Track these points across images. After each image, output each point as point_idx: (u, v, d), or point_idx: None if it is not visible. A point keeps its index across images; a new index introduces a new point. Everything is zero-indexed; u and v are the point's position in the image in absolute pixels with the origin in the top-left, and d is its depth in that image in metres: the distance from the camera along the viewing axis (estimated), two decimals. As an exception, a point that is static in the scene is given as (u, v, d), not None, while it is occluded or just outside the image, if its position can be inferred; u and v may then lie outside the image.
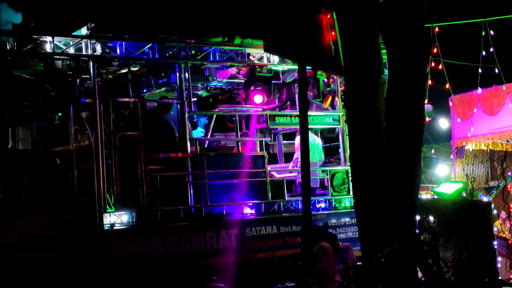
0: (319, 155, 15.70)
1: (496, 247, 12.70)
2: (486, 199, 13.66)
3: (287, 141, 16.96)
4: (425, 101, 12.26)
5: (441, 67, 16.50)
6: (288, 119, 15.12)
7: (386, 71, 11.91)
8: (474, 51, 16.79)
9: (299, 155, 13.17)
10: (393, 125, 11.42)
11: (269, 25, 11.02)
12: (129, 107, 13.68)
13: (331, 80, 15.64)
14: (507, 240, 14.25)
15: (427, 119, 13.41)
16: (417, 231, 11.71)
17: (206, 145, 15.51)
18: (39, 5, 13.93)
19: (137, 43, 13.53)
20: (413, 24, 11.30)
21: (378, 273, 10.69)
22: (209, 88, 15.89)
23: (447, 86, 16.81)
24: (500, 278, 12.42)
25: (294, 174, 15.24)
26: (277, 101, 16.16)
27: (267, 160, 14.58)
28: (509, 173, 15.73)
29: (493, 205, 13.27)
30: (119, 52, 13.37)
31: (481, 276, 11.80)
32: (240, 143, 14.93)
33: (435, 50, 15.93)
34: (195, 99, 15.64)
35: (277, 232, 14.13)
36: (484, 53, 16.57)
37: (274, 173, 15.02)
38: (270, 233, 14.05)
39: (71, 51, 12.89)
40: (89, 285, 11.90)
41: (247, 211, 14.17)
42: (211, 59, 14.33)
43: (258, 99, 14.81)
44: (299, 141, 12.64)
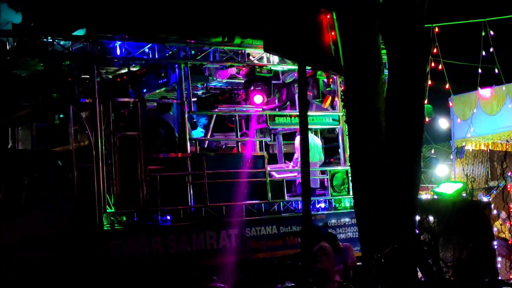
0: (319, 156, 15.69)
1: (496, 247, 12.71)
2: (485, 199, 13.67)
3: (287, 142, 16.95)
4: (425, 101, 12.27)
5: (441, 67, 16.52)
6: (288, 119, 15.11)
7: (386, 71, 11.91)
8: (474, 51, 16.80)
9: (299, 155, 13.16)
10: (393, 125, 11.42)
11: (269, 25, 11.00)
12: (129, 107, 13.67)
13: (331, 80, 15.64)
14: (507, 240, 14.26)
15: (427, 119, 13.41)
16: (417, 231, 11.71)
17: (206, 145, 15.50)
18: (39, 5, 13.91)
19: (137, 43, 13.53)
20: (413, 24, 11.30)
21: (378, 273, 10.68)
22: (209, 88, 15.88)
23: (447, 86, 16.82)
24: (500, 278, 12.44)
25: (294, 174, 15.23)
26: (277, 101, 16.14)
27: (267, 160, 14.58)
28: (509, 173, 15.72)
29: (493, 205, 13.29)
30: (119, 52, 13.37)
31: (481, 276, 11.81)
32: (240, 143, 14.93)
33: (435, 50, 15.94)
34: (195, 99, 15.63)
35: (277, 232, 14.11)
36: (484, 53, 16.59)
37: (274, 173, 15.00)
38: (270, 233, 14.04)
39: (71, 51, 12.90)
40: (89, 285, 11.89)
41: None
42: (211, 59, 14.32)
43: (258, 99, 14.78)
44: (299, 141, 12.63)
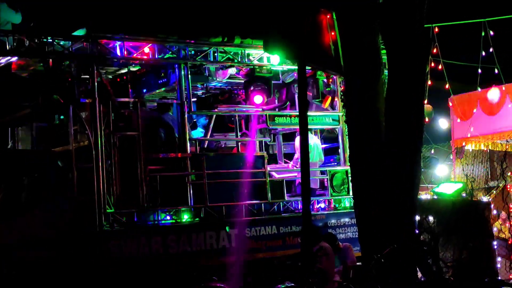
0: (318, 156, 15.69)
1: (495, 247, 12.71)
2: (485, 199, 13.67)
3: (287, 142, 16.95)
4: (425, 101, 12.27)
5: (441, 67, 16.53)
6: (287, 119, 15.11)
7: (386, 71, 11.91)
8: (473, 51, 16.81)
9: (299, 155, 13.16)
10: (393, 125, 11.41)
11: (269, 25, 11.01)
12: (129, 107, 13.67)
13: (330, 80, 15.64)
14: (507, 240, 14.25)
15: (426, 120, 13.41)
16: (417, 231, 11.70)
17: (205, 146, 15.50)
18: (39, 5, 13.91)
19: (137, 43, 13.53)
20: (413, 24, 11.30)
21: (377, 273, 10.68)
22: (208, 88, 15.88)
23: (447, 86, 16.83)
24: (499, 278, 12.44)
25: (294, 174, 15.22)
26: (276, 101, 16.15)
27: (266, 160, 14.57)
28: (509, 174, 15.74)
29: (492, 206, 13.29)
30: (119, 52, 13.36)
31: (481, 276, 11.81)
32: (240, 144, 14.92)
33: (435, 50, 15.95)
34: (195, 99, 15.63)
35: (276, 232, 14.11)
36: (483, 53, 16.60)
37: (273, 173, 15.00)
38: (269, 234, 14.04)
39: (71, 51, 12.89)
40: (89, 285, 11.89)
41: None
42: (211, 59, 14.32)
43: (257, 99, 14.76)
44: (299, 141, 12.63)
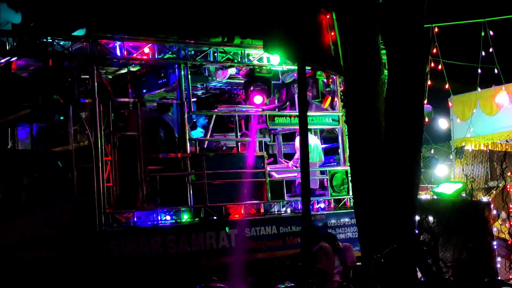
0: (318, 156, 15.69)
1: (495, 247, 12.71)
2: (485, 199, 13.67)
3: (287, 142, 16.95)
4: (425, 101, 12.27)
5: (440, 67, 16.54)
6: (287, 119, 15.11)
7: (385, 71, 11.91)
8: (473, 52, 16.82)
9: (299, 155, 13.16)
10: (393, 125, 11.41)
11: (269, 25, 11.01)
12: (129, 107, 13.67)
13: (330, 80, 15.64)
14: (507, 240, 14.25)
15: (426, 120, 13.41)
16: (417, 231, 11.70)
17: (205, 146, 15.50)
18: (39, 5, 13.91)
19: (137, 43, 13.53)
20: (413, 24, 11.29)
21: (377, 273, 10.68)
22: (208, 88, 15.88)
23: (447, 86, 16.84)
24: (499, 278, 12.44)
25: (293, 174, 15.22)
26: (276, 101, 16.15)
27: (266, 160, 14.57)
28: (509, 174, 15.73)
29: (492, 206, 13.29)
30: (119, 52, 13.36)
31: (481, 276, 11.81)
32: (240, 144, 14.92)
33: (434, 50, 15.96)
34: (195, 99, 15.63)
35: (276, 232, 14.11)
36: (483, 54, 16.61)
37: (273, 173, 15.00)
38: (269, 234, 14.03)
39: (71, 51, 12.89)
40: (89, 285, 11.88)
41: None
42: (211, 59, 14.32)
43: (257, 99, 14.74)
44: (299, 141, 12.63)
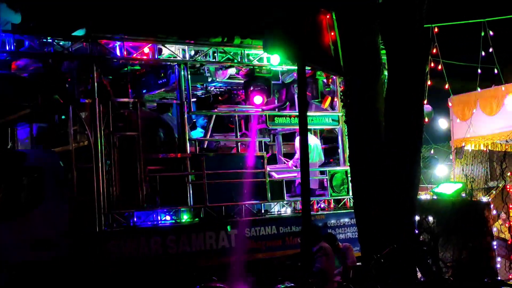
0: (318, 156, 15.69)
1: (495, 247, 12.71)
2: (485, 199, 13.67)
3: (287, 142, 16.94)
4: (425, 102, 12.27)
5: (440, 67, 16.54)
6: (287, 119, 15.11)
7: (385, 71, 11.91)
8: (473, 52, 16.82)
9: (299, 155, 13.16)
10: (393, 125, 11.41)
11: (268, 26, 11.01)
12: (129, 108, 13.67)
13: (330, 80, 15.64)
14: (506, 240, 14.26)
15: (426, 120, 13.41)
16: (417, 231, 11.71)
17: (205, 146, 15.49)
18: (38, 5, 13.89)
19: (137, 44, 13.52)
20: (413, 24, 11.30)
21: (377, 273, 10.68)
22: (208, 88, 15.87)
23: (447, 86, 16.84)
24: (499, 278, 12.44)
25: (293, 174, 15.22)
26: (276, 101, 16.15)
27: (266, 160, 14.57)
28: (509, 174, 15.73)
29: (492, 206, 13.29)
30: (119, 52, 13.35)
31: (480, 276, 11.82)
32: (240, 144, 14.92)
33: (434, 50, 15.96)
34: (195, 100, 15.63)
35: (276, 232, 14.11)
36: (483, 54, 16.61)
37: (273, 173, 15.00)
38: (269, 234, 14.03)
39: (71, 51, 12.90)
40: (89, 285, 11.88)
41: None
42: (211, 59, 14.32)
43: (257, 99, 14.74)
44: (299, 141, 12.63)
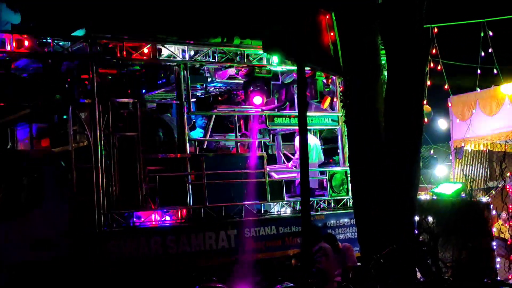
0: (318, 156, 15.69)
1: (495, 247, 12.72)
2: (485, 199, 13.67)
3: (286, 142, 16.94)
4: (424, 102, 12.27)
5: (440, 67, 16.55)
6: (287, 119, 15.11)
7: (385, 72, 11.91)
8: (473, 52, 16.83)
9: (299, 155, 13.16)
10: (393, 126, 11.41)
11: (268, 25, 11.02)
12: (128, 108, 13.66)
13: (330, 80, 15.64)
14: (506, 240, 14.26)
15: (426, 120, 13.42)
16: (416, 231, 11.72)
17: (205, 146, 15.49)
18: (38, 5, 13.89)
19: (137, 44, 13.52)
20: (413, 24, 11.31)
21: (377, 274, 10.68)
22: (208, 88, 15.87)
23: (446, 86, 16.85)
24: (499, 278, 12.45)
25: (293, 174, 15.22)
26: (276, 101, 16.14)
27: (266, 160, 14.57)
28: (509, 174, 15.73)
29: (491, 206, 13.29)
30: (118, 52, 13.36)
31: (480, 276, 11.82)
32: (239, 144, 14.91)
33: (434, 50, 15.97)
34: (194, 100, 15.63)
35: (276, 232, 14.11)
36: (483, 54, 16.62)
37: (273, 173, 15.00)
38: (269, 234, 14.04)
39: (71, 51, 12.90)
40: (89, 285, 11.89)
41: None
42: (210, 59, 14.32)
43: (257, 99, 14.74)
44: (299, 141, 12.63)
